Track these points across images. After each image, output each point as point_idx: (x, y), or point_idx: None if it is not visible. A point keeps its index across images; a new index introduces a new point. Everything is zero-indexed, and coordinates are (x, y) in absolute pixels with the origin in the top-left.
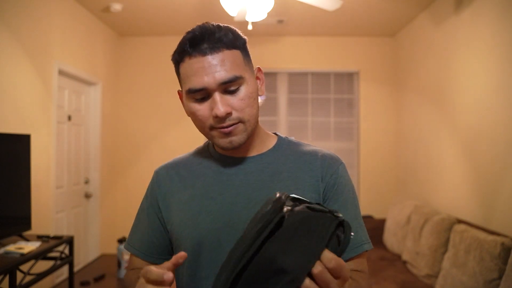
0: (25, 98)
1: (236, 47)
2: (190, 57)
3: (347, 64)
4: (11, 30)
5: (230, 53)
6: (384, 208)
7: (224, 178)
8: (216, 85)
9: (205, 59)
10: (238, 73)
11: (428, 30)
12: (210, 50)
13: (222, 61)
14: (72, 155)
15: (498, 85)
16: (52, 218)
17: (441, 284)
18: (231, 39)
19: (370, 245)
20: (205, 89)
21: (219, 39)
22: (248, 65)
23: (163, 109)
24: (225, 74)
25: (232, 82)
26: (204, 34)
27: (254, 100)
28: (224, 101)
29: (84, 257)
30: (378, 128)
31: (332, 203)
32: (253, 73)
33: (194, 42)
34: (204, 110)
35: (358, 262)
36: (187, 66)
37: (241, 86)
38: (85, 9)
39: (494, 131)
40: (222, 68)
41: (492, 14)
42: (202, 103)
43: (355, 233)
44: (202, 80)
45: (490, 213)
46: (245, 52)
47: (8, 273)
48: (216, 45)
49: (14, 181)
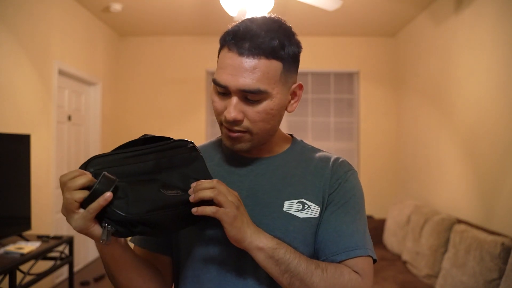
0: (25, 98)
1: (278, 58)
2: (228, 50)
3: (347, 64)
4: (11, 30)
5: (266, 63)
6: (384, 208)
7: (235, 179)
8: (236, 89)
9: (239, 59)
10: (264, 87)
11: (428, 30)
12: (247, 53)
13: (253, 68)
14: (72, 155)
15: (498, 85)
16: (52, 218)
17: (441, 284)
18: (275, 48)
19: (366, 252)
20: (226, 88)
21: (260, 45)
22: (285, 79)
23: (163, 109)
24: (249, 83)
25: (253, 94)
26: (247, 34)
27: (273, 117)
28: (238, 107)
29: (84, 257)
30: (378, 128)
31: (331, 205)
32: (288, 88)
33: (237, 37)
34: (220, 105)
35: (353, 264)
36: (223, 55)
37: (263, 100)
38: (85, 9)
39: (494, 131)
40: (250, 76)
41: (492, 14)
42: (222, 97)
43: (350, 237)
44: (226, 78)
45: (490, 213)
46: (288, 64)
47: (8, 273)
48: (255, 51)
49: (14, 181)
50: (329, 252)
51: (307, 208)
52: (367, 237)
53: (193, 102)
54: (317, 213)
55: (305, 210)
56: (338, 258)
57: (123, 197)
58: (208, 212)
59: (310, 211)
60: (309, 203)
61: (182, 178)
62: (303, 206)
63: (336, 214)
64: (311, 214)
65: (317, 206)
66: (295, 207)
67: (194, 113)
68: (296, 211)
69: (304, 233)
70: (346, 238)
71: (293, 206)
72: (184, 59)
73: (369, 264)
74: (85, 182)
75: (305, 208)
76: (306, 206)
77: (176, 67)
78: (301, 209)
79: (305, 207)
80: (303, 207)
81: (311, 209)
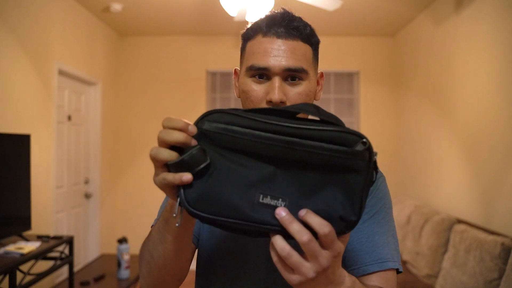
0: (25, 98)
1: (310, 43)
2: (263, 35)
3: (347, 64)
4: (11, 30)
5: (303, 46)
6: None
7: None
8: (281, 70)
9: (278, 41)
10: (305, 66)
11: (428, 30)
12: (286, 35)
13: (293, 49)
14: (72, 155)
15: (498, 85)
16: (52, 218)
17: (441, 284)
18: (308, 34)
19: (396, 265)
20: (268, 70)
21: (297, 28)
22: (315, 65)
23: (163, 109)
24: (293, 62)
25: (297, 72)
26: (285, 18)
27: (310, 100)
28: (282, 88)
29: (84, 257)
30: (378, 128)
31: (364, 213)
32: (316, 74)
33: (273, 22)
34: (259, 92)
35: (383, 277)
36: (256, 43)
37: (303, 80)
38: (85, 9)
39: (494, 131)
40: (292, 56)
41: (492, 14)
42: (260, 83)
43: (382, 248)
44: (267, 60)
45: (490, 213)
46: (316, 52)
47: (8, 273)
48: (292, 32)
49: (14, 181)
50: (361, 262)
51: None
52: (397, 248)
53: (193, 102)
54: None
55: None
56: (370, 269)
57: (206, 180)
58: (291, 261)
59: None
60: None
61: (308, 189)
62: None
63: (368, 223)
64: None
65: None
66: None
67: (194, 113)
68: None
69: None
70: (379, 249)
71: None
72: (184, 59)
73: (394, 276)
74: (178, 140)
75: None
76: None
77: (176, 67)
78: None
79: None
80: None
81: None
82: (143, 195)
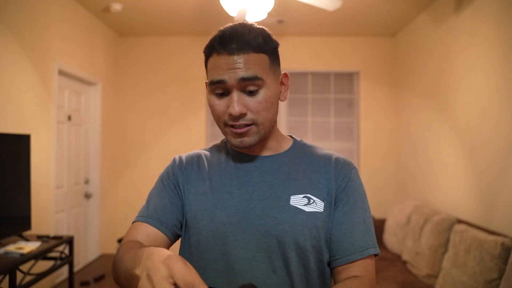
0: (25, 98)
1: (264, 51)
2: (217, 54)
3: (347, 64)
4: (11, 30)
5: (256, 56)
6: (384, 208)
7: (241, 174)
8: (236, 81)
9: (231, 58)
10: (259, 74)
11: (428, 30)
12: (237, 51)
13: (246, 61)
14: (72, 155)
15: (498, 85)
16: (52, 218)
17: (441, 284)
18: (260, 43)
19: (376, 250)
20: (224, 83)
21: (248, 41)
22: (273, 70)
23: (163, 109)
24: (246, 72)
25: (252, 81)
26: (234, 35)
27: (272, 105)
28: (240, 101)
29: (84, 257)
30: (378, 128)
31: (342, 205)
32: (277, 78)
33: (223, 41)
34: (221, 106)
35: (362, 265)
36: (213, 60)
37: (260, 88)
38: (85, 9)
39: (494, 131)
40: (245, 67)
41: (492, 14)
42: (221, 98)
43: (362, 236)
44: (222, 74)
45: (490, 213)
46: (273, 56)
47: (8, 273)
48: (243, 47)
49: (14, 181)
50: (344, 252)
51: (313, 203)
52: (374, 233)
53: (193, 102)
54: (322, 208)
55: (311, 204)
56: (353, 257)
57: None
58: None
59: (315, 205)
60: (314, 198)
61: None
62: (308, 200)
63: (348, 214)
64: (316, 209)
65: (322, 201)
66: (301, 201)
67: (194, 113)
68: (302, 205)
69: (310, 227)
70: (359, 238)
71: (299, 200)
72: (184, 59)
73: (373, 260)
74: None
75: (311, 202)
76: (311, 201)
77: (176, 67)
78: (307, 203)
79: (311, 202)
80: (309, 202)
81: (316, 204)
82: (143, 195)
